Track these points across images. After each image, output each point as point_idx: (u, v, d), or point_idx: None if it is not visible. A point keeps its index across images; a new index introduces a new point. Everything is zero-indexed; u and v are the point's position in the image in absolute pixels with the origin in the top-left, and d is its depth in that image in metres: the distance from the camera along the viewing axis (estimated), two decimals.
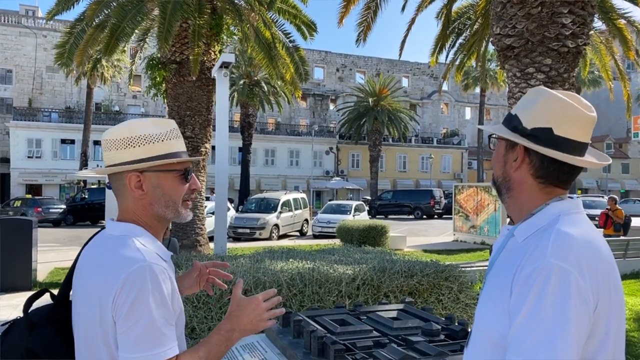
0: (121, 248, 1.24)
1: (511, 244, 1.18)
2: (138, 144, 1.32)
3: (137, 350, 1.17)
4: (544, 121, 1.15)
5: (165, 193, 1.35)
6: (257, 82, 31.59)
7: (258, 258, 5.39)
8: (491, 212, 16.22)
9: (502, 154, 1.23)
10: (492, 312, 1.11)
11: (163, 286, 1.21)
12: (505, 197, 1.25)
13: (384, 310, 2.73)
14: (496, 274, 1.16)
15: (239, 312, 1.32)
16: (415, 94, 52.49)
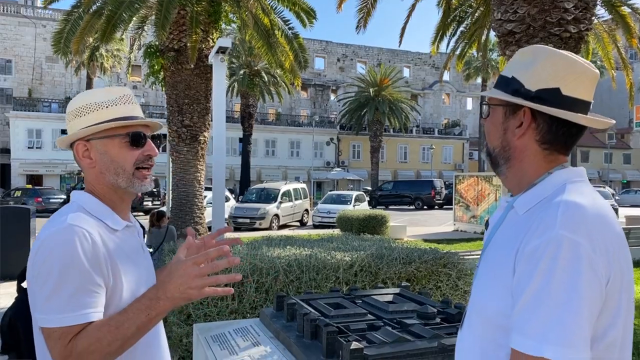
0: (57, 214, 1.27)
1: (511, 216, 1.10)
2: (85, 113, 1.31)
3: (47, 310, 1.14)
4: (550, 81, 1.06)
5: (113, 160, 1.32)
6: (258, 72, 31.41)
7: (256, 245, 5.35)
8: (492, 201, 16.16)
9: (501, 121, 1.13)
10: (492, 289, 1.04)
11: (79, 249, 1.16)
12: (503, 168, 1.15)
13: (379, 294, 2.70)
14: (495, 249, 1.09)
15: (168, 277, 1.19)
16: (416, 84, 52.24)
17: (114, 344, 1.14)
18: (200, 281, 1.17)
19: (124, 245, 1.31)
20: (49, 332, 1.15)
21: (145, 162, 1.35)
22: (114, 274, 1.23)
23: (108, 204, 1.33)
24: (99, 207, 1.31)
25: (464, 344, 1.15)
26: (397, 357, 1.79)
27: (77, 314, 1.14)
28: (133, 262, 1.31)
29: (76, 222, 1.21)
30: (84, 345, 1.12)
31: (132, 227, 1.40)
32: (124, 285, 1.25)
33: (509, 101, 1.10)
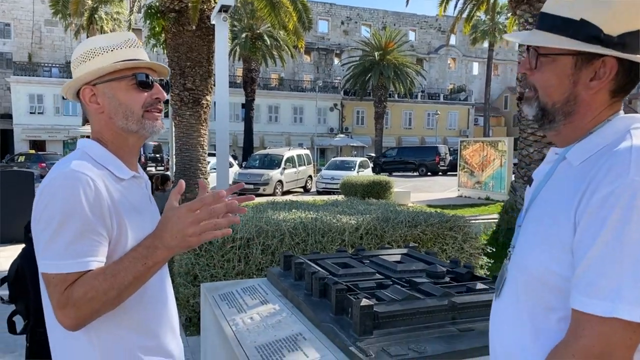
0: (61, 160, 1.24)
1: (563, 169, 1.00)
2: (89, 58, 1.28)
3: (47, 256, 1.13)
4: (632, 23, 0.92)
5: (121, 103, 1.29)
6: (260, 35, 30.81)
7: (261, 208, 5.35)
8: (497, 167, 16.08)
9: (570, 72, 0.98)
10: (544, 248, 0.94)
11: (81, 195, 1.13)
12: (560, 124, 1.02)
13: (387, 254, 2.68)
14: (545, 204, 0.99)
15: (163, 225, 1.15)
16: (422, 48, 51.28)
17: (110, 292, 1.11)
18: (198, 227, 1.13)
19: (130, 196, 1.28)
20: (48, 278, 1.13)
21: (154, 105, 1.32)
22: (119, 225, 1.20)
23: (115, 153, 1.30)
24: (105, 155, 1.28)
25: (504, 312, 1.07)
26: (406, 314, 1.78)
27: (76, 261, 1.12)
28: (139, 213, 1.29)
29: (80, 169, 1.17)
30: (80, 293, 1.10)
31: (140, 178, 1.37)
32: (129, 236, 1.22)
33: (584, 50, 0.95)
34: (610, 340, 0.82)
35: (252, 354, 1.80)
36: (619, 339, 0.82)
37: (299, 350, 1.75)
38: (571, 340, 0.87)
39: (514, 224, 4.85)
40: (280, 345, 1.82)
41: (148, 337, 1.28)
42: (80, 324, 1.13)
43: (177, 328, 1.41)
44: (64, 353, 1.23)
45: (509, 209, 7.86)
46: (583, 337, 0.85)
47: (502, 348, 1.07)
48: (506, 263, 1.09)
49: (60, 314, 1.11)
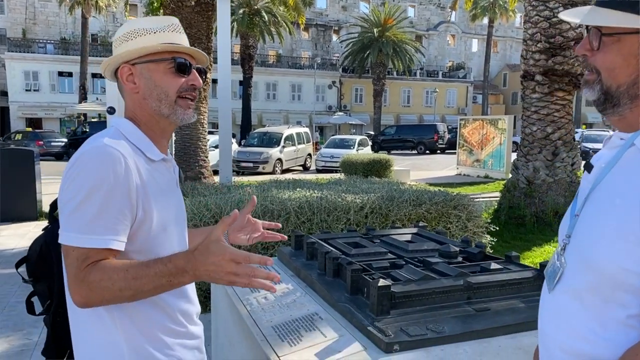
0: (92, 137, 1.22)
1: (632, 156, 0.92)
2: (132, 37, 1.27)
3: (68, 227, 1.11)
4: None
5: (157, 85, 1.28)
6: (258, 11, 30.35)
7: (265, 187, 5.35)
8: (496, 145, 16.06)
9: (637, 52, 0.91)
10: (617, 244, 0.87)
11: (111, 171, 1.12)
12: (625, 108, 0.95)
13: (397, 233, 2.68)
14: (611, 194, 0.92)
15: (202, 256, 1.09)
16: (421, 24, 50.62)
17: (125, 292, 1.10)
18: (232, 277, 1.10)
19: (159, 178, 1.27)
20: (67, 249, 1.12)
21: (189, 91, 1.31)
22: (145, 207, 1.19)
23: (148, 134, 1.29)
24: (138, 134, 1.27)
25: (564, 308, 1.00)
26: (423, 294, 1.78)
27: (97, 238, 1.11)
28: (166, 196, 1.28)
29: (113, 145, 1.17)
30: (97, 277, 1.09)
31: (169, 161, 1.36)
32: (154, 218, 1.21)
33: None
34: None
35: (268, 333, 1.81)
36: None
37: (316, 330, 1.76)
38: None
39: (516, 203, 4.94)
40: (297, 325, 1.82)
41: (173, 320, 1.28)
42: (88, 304, 1.12)
43: (199, 312, 1.41)
44: (85, 332, 1.22)
45: (511, 188, 7.87)
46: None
47: (562, 344, 1.01)
48: (560, 254, 1.03)
49: (73, 288, 1.11)
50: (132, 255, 1.19)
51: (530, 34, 7.58)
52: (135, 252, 1.19)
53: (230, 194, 4.87)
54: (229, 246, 1.10)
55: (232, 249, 1.10)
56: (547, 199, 7.39)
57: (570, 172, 7.57)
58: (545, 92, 7.52)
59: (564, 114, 7.60)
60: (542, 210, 7.38)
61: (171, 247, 1.28)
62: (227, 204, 4.23)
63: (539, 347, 1.12)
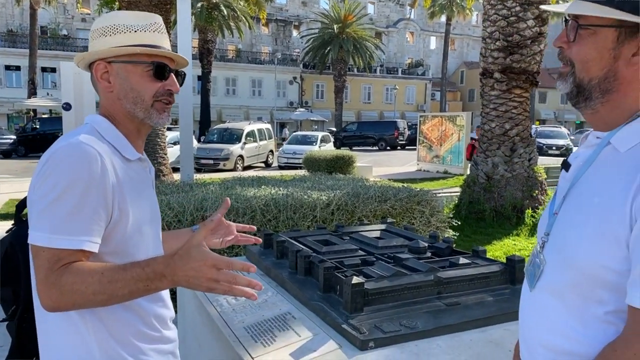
0: (69, 134, 1.17)
1: (607, 155, 0.94)
2: (112, 33, 1.21)
3: (38, 227, 1.06)
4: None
5: (133, 87, 1.23)
6: (216, 5, 29.82)
7: (228, 185, 5.27)
8: (454, 142, 16.45)
9: (611, 46, 0.92)
10: (595, 242, 0.89)
11: (86, 169, 1.07)
12: (597, 102, 0.96)
13: (366, 230, 2.69)
14: (589, 193, 0.94)
15: (181, 261, 1.05)
16: (380, 21, 51.12)
17: (99, 296, 1.05)
18: (212, 284, 1.05)
19: (135, 178, 1.23)
20: (37, 250, 1.06)
21: (165, 96, 1.27)
22: (121, 207, 1.15)
23: (123, 132, 1.24)
24: (114, 133, 1.22)
25: (544, 305, 1.01)
26: (395, 290, 1.80)
27: (71, 238, 1.05)
28: (141, 196, 1.24)
29: (89, 142, 1.12)
30: (69, 280, 1.04)
31: (145, 161, 1.32)
32: (129, 219, 1.17)
33: (632, 22, 0.89)
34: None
35: (241, 334, 1.77)
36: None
37: (289, 330, 1.74)
38: (631, 338, 0.84)
39: (476, 198, 5.06)
40: (270, 324, 1.80)
41: (145, 323, 1.24)
42: (58, 308, 1.07)
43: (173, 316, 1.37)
44: (55, 337, 1.16)
45: (470, 183, 8.07)
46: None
47: (543, 340, 1.02)
48: (539, 252, 1.04)
49: (43, 291, 1.05)
50: (106, 257, 1.14)
51: (489, 33, 7.78)
52: (109, 254, 1.15)
53: (192, 192, 4.76)
54: (210, 252, 1.06)
55: (214, 255, 1.06)
56: (506, 193, 7.62)
57: (528, 168, 7.83)
58: (504, 89, 7.74)
59: (521, 110, 7.85)
60: (501, 204, 7.61)
61: (146, 249, 1.24)
62: (190, 203, 4.13)
63: (520, 343, 1.14)
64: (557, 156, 21.29)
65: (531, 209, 7.49)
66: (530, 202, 7.61)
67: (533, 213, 7.45)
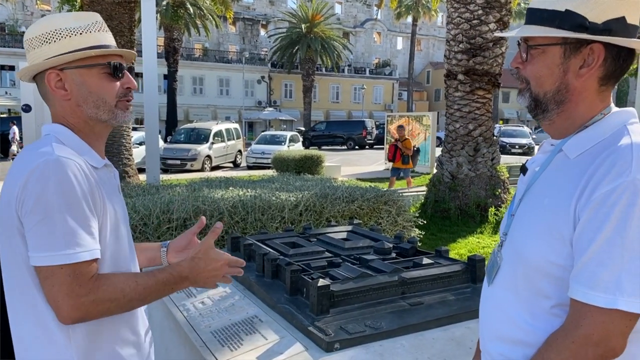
0: (35, 146, 1.15)
1: (559, 160, 1.03)
2: (55, 39, 1.17)
3: (45, 248, 1.06)
4: (616, 10, 0.96)
5: (92, 91, 1.22)
6: (182, 2, 29.37)
7: (195, 187, 5.22)
8: (421, 141, 16.71)
9: (559, 62, 1.01)
10: (542, 238, 0.97)
11: (74, 181, 1.09)
12: (553, 113, 1.05)
13: (333, 232, 2.73)
14: (541, 195, 1.02)
15: (202, 263, 1.24)
16: (348, 21, 51.38)
17: (133, 302, 1.15)
18: (224, 279, 1.30)
19: (105, 183, 1.23)
20: (53, 269, 1.06)
21: (125, 95, 1.27)
22: (102, 212, 1.17)
23: (84, 139, 1.23)
24: (78, 142, 1.21)
25: (500, 299, 1.09)
26: (360, 291, 1.84)
27: (84, 250, 1.08)
28: (113, 201, 1.24)
29: (65, 154, 1.11)
30: (108, 290, 1.10)
31: (110, 166, 1.31)
32: (108, 224, 1.19)
33: (573, 38, 0.98)
34: (608, 329, 0.87)
35: (208, 338, 1.78)
36: (616, 328, 0.87)
37: (257, 333, 1.75)
38: (571, 328, 0.91)
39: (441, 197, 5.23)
40: (237, 328, 1.81)
41: (130, 330, 1.26)
42: (85, 318, 1.10)
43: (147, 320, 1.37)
44: (34, 348, 1.15)
45: (436, 182, 8.23)
46: (583, 326, 0.89)
47: (496, 333, 1.09)
48: (498, 251, 1.12)
49: (70, 306, 1.07)
50: None
51: (452, 35, 7.95)
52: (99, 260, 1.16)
53: (159, 194, 4.69)
54: (222, 252, 1.27)
55: (227, 255, 1.28)
56: (470, 192, 7.81)
57: (491, 167, 8.05)
58: (467, 90, 7.92)
59: (484, 111, 8.06)
60: (465, 203, 7.79)
61: (124, 250, 1.27)
62: (157, 206, 4.07)
63: (480, 337, 1.20)
64: (520, 154, 21.91)
65: (494, 207, 7.71)
66: (494, 201, 7.82)
67: (496, 211, 7.67)
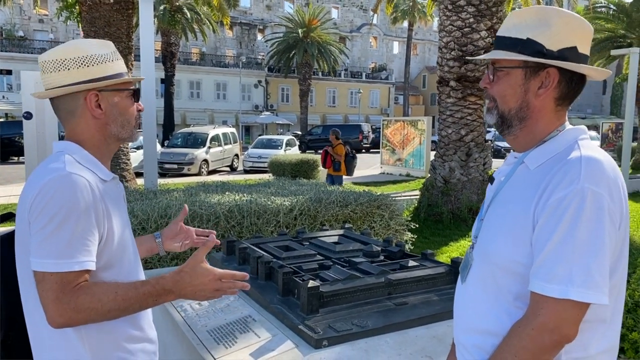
0: (48, 162, 1.27)
1: (521, 171, 1.16)
2: (92, 63, 1.32)
3: (43, 255, 1.17)
4: (569, 40, 1.12)
5: (121, 112, 1.37)
6: (179, 7, 29.48)
7: (192, 192, 5.30)
8: (416, 145, 16.86)
9: (521, 82, 1.16)
10: (506, 240, 1.10)
11: (78, 196, 1.20)
12: (516, 129, 1.18)
13: (325, 235, 2.83)
14: (505, 201, 1.15)
15: (188, 278, 1.25)
16: (344, 26, 51.66)
17: (113, 312, 1.20)
18: (216, 293, 1.28)
19: (113, 196, 1.35)
20: (44, 275, 1.17)
21: (139, 116, 1.44)
22: (108, 225, 1.27)
23: (96, 156, 1.35)
24: (89, 158, 1.33)
25: (471, 295, 1.21)
26: (348, 292, 1.94)
27: (76, 261, 1.17)
28: (119, 211, 1.36)
29: (75, 171, 1.23)
30: (86, 300, 1.17)
31: (116, 179, 1.43)
32: (115, 234, 1.29)
33: (533, 62, 1.12)
34: (562, 317, 1.00)
35: (204, 337, 1.88)
36: (569, 316, 1.00)
37: (250, 332, 1.86)
38: (531, 317, 1.04)
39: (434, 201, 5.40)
40: (232, 327, 1.92)
41: (136, 326, 1.35)
42: (69, 324, 1.19)
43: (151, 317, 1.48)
44: (51, 349, 1.26)
45: (429, 187, 8.36)
46: (540, 315, 1.02)
47: (469, 326, 1.22)
48: (470, 252, 1.25)
49: (54, 310, 1.15)
50: (100, 270, 1.25)
51: (445, 42, 8.10)
52: (102, 268, 1.26)
53: (156, 199, 4.78)
54: (213, 267, 1.26)
55: (219, 270, 1.27)
56: (462, 196, 7.93)
57: (482, 172, 8.18)
58: (459, 97, 8.06)
59: (475, 117, 8.19)
60: (457, 207, 7.92)
61: (128, 259, 1.37)
62: (154, 210, 4.16)
63: (454, 330, 1.32)
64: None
65: None
66: None
67: None
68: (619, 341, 1.15)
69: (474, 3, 7.61)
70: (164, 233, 1.70)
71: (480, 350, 1.16)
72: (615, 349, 1.13)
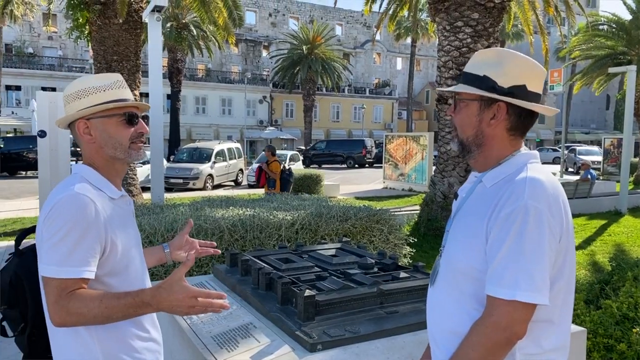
0: (63, 183, 1.45)
1: (479, 189, 1.32)
2: (84, 95, 1.49)
3: (48, 261, 1.34)
4: (519, 79, 1.28)
5: (111, 136, 1.51)
6: (186, 25, 30.02)
7: (198, 206, 5.46)
8: (419, 160, 17.01)
9: (476, 113, 1.32)
10: (466, 249, 1.25)
11: (84, 214, 1.36)
12: (475, 153, 1.35)
13: (323, 249, 2.99)
14: (466, 215, 1.31)
15: (166, 293, 1.33)
16: (348, 42, 52.27)
17: (98, 318, 1.34)
18: (191, 310, 1.34)
19: (120, 212, 1.51)
20: (48, 280, 1.35)
21: (138, 138, 1.56)
22: (112, 240, 1.42)
23: (105, 176, 1.52)
24: (99, 178, 1.50)
25: (438, 297, 1.36)
26: (343, 301, 2.09)
27: (74, 269, 1.33)
28: (126, 226, 1.52)
29: (82, 191, 1.39)
30: (76, 305, 1.32)
31: (126, 196, 1.60)
32: (119, 247, 1.45)
33: (486, 96, 1.29)
34: (512, 317, 1.15)
35: (208, 342, 2.03)
36: (518, 316, 1.15)
37: (251, 337, 2.01)
38: (486, 317, 1.19)
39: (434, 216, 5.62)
40: (234, 333, 2.07)
41: (140, 327, 1.51)
42: (64, 325, 1.35)
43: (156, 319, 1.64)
44: (66, 346, 1.43)
45: (429, 202, 8.50)
46: (494, 315, 1.17)
47: (438, 326, 1.37)
48: (438, 259, 1.41)
49: (53, 311, 1.33)
50: (104, 278, 1.42)
51: (443, 62, 8.31)
52: (106, 275, 1.43)
53: (163, 213, 4.93)
54: (189, 286, 1.34)
55: (194, 288, 1.34)
56: None
57: None
58: None
59: None
60: None
61: (135, 268, 1.53)
62: (161, 225, 4.32)
63: (427, 329, 1.47)
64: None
65: None
66: None
67: None
68: (569, 341, 1.30)
69: (471, 24, 7.83)
70: (171, 244, 1.88)
71: (449, 347, 1.31)
72: (566, 347, 1.29)
